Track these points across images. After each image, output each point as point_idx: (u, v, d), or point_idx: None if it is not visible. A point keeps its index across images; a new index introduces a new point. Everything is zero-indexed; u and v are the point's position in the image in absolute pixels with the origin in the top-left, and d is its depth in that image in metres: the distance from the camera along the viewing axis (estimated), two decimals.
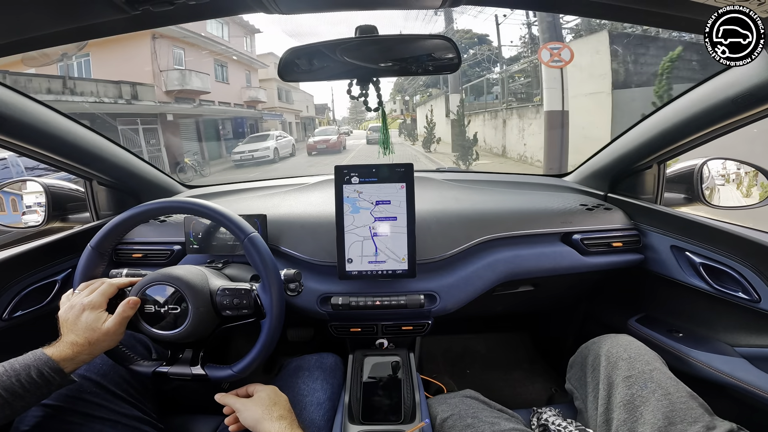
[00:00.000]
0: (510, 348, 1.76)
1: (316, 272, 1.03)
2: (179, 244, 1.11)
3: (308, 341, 1.53)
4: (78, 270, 0.78)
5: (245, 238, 0.76)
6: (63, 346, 0.68)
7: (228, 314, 0.76)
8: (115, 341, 0.72)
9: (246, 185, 1.50)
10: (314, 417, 0.84)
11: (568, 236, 1.12)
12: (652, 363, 0.79)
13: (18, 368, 0.63)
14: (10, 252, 0.97)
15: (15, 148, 0.93)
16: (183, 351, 0.79)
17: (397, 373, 0.98)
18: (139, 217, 0.80)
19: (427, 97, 31.50)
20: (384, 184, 0.98)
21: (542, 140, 7.73)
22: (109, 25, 0.68)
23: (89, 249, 0.78)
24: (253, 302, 0.76)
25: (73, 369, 0.68)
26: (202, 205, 0.78)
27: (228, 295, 0.76)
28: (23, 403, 0.63)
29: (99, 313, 0.71)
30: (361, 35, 0.77)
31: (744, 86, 0.78)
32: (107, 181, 1.22)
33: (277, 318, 0.75)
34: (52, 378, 0.64)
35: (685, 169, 1.18)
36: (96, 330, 0.69)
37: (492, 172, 1.58)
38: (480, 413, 0.83)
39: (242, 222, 0.78)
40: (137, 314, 0.74)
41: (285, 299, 0.77)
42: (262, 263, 0.75)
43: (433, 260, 1.02)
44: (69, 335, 0.69)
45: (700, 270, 0.97)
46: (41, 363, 0.64)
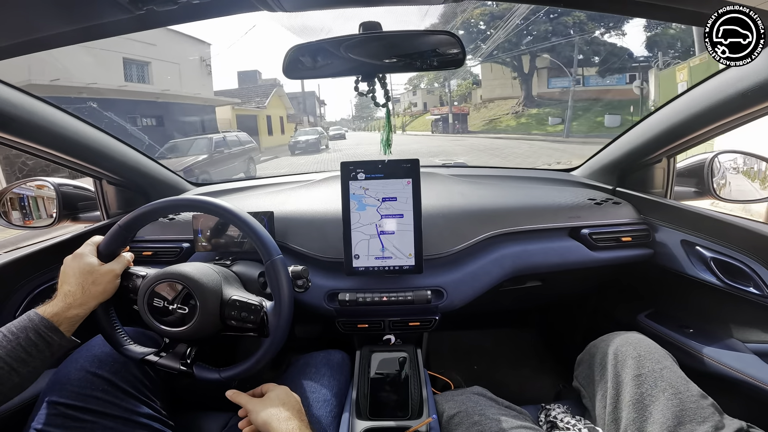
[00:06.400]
0: (517, 344, 1.76)
1: (323, 268, 1.04)
2: (188, 242, 1.12)
3: (316, 338, 1.54)
4: (102, 243, 0.80)
5: (269, 261, 0.77)
6: (55, 300, 0.70)
7: (232, 324, 0.77)
8: (106, 291, 0.76)
9: (253, 182, 1.50)
10: (321, 413, 0.85)
11: (577, 231, 1.11)
12: (662, 361, 0.78)
13: (16, 332, 0.64)
14: (22, 252, 0.99)
15: (24, 148, 0.95)
16: (177, 345, 0.79)
17: (404, 369, 0.98)
18: (172, 209, 0.84)
19: (470, 86, 26.78)
20: (390, 179, 0.98)
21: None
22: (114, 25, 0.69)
23: (117, 227, 0.80)
24: (260, 320, 0.76)
25: (69, 328, 0.70)
26: (237, 216, 0.78)
27: (237, 307, 0.76)
28: (28, 368, 0.64)
29: (89, 258, 0.75)
30: (365, 32, 0.77)
31: (754, 80, 0.77)
32: (117, 180, 1.23)
33: (279, 341, 0.76)
34: (50, 338, 0.66)
35: (695, 162, 1.17)
36: (86, 273, 0.73)
37: (498, 167, 1.57)
38: (487, 410, 0.83)
39: (271, 243, 0.78)
40: (144, 306, 0.75)
41: (290, 324, 0.78)
42: (278, 289, 0.76)
43: (440, 256, 1.02)
44: (63, 286, 0.72)
45: (711, 265, 0.96)
46: (35, 323, 0.66)
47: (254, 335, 0.77)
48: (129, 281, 0.80)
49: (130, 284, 0.80)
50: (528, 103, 22.85)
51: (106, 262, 0.78)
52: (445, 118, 25.29)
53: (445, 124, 25.17)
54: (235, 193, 1.41)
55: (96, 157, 1.12)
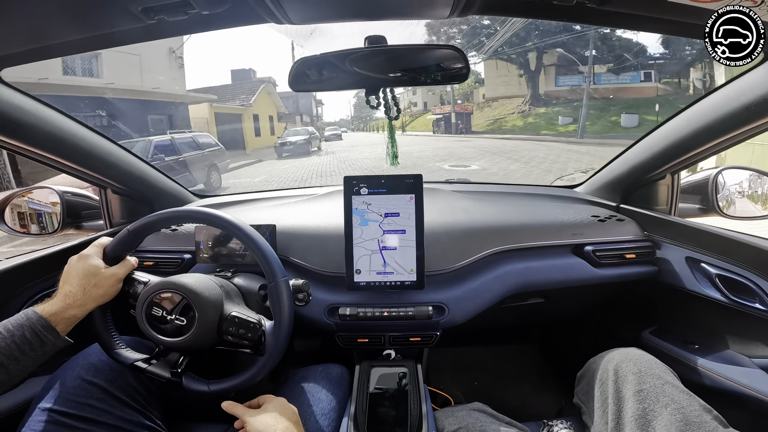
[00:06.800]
0: (519, 360, 1.73)
1: (324, 282, 1.03)
2: (189, 253, 1.12)
3: (315, 351, 1.52)
4: (109, 246, 0.80)
5: (273, 282, 0.77)
6: (55, 300, 0.70)
7: (229, 339, 0.77)
8: (107, 294, 0.75)
9: (256, 195, 1.51)
10: (319, 427, 0.84)
11: (580, 248, 1.10)
12: (664, 377, 0.77)
13: (11, 329, 0.64)
14: (23, 258, 0.99)
15: (30, 154, 0.95)
16: (169, 353, 0.79)
17: (404, 385, 0.97)
18: (182, 219, 0.88)
19: (471, 84, 25.08)
20: (393, 195, 0.98)
21: None
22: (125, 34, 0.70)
23: (126, 231, 0.80)
24: (257, 338, 0.76)
25: (65, 328, 0.69)
26: (245, 233, 0.79)
27: (236, 324, 0.76)
28: (19, 366, 0.63)
29: (94, 259, 0.75)
30: (370, 45, 0.78)
31: (757, 93, 0.77)
32: (121, 189, 1.24)
33: (273, 361, 0.76)
34: (45, 337, 0.65)
35: (700, 179, 1.16)
36: (89, 275, 0.73)
37: (502, 183, 1.57)
38: (488, 427, 0.82)
39: (276, 263, 0.79)
40: (141, 314, 0.75)
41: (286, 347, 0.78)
42: (280, 312, 0.76)
43: (442, 272, 1.02)
44: (64, 286, 0.72)
45: (716, 281, 0.95)
46: (33, 322, 0.65)
47: (249, 352, 0.77)
48: (130, 286, 0.81)
49: (131, 290, 0.80)
50: (535, 102, 21.91)
51: (111, 266, 0.78)
52: (448, 117, 24.42)
53: (447, 124, 24.32)
54: (238, 206, 1.41)
55: (101, 165, 1.13)
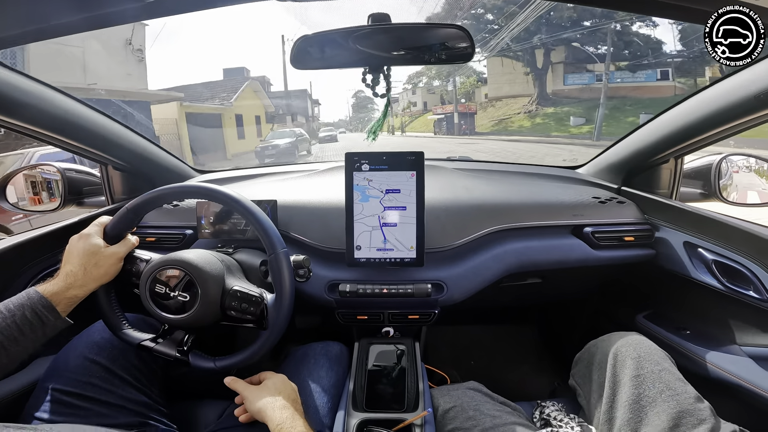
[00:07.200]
0: (516, 340, 1.76)
1: (324, 258, 1.04)
2: (191, 229, 1.12)
3: (315, 329, 1.55)
4: (109, 224, 0.80)
5: (273, 254, 0.77)
6: (56, 279, 0.70)
7: (232, 314, 0.77)
8: (108, 273, 0.76)
9: (257, 171, 1.51)
10: (318, 404, 0.86)
11: (579, 229, 1.11)
12: (661, 363, 0.78)
13: (13, 309, 0.64)
14: (25, 236, 0.99)
15: (33, 134, 0.95)
16: (174, 331, 0.80)
17: (402, 362, 0.99)
18: (181, 195, 0.87)
19: (473, 83, 23.66)
20: (394, 171, 0.98)
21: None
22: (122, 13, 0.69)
23: (125, 209, 0.80)
24: (259, 312, 0.77)
25: (66, 309, 0.70)
26: (244, 206, 0.79)
27: (238, 298, 0.77)
28: (19, 348, 0.64)
29: (94, 239, 0.75)
30: (373, 23, 0.76)
31: (766, 82, 0.76)
32: (122, 166, 1.24)
33: (276, 334, 0.76)
34: (45, 318, 0.66)
35: (703, 164, 1.16)
36: (90, 254, 0.73)
37: (504, 162, 1.56)
38: (482, 406, 0.84)
39: (276, 235, 0.78)
40: (146, 292, 0.76)
41: (289, 319, 0.78)
42: (280, 283, 0.76)
43: (441, 249, 1.02)
44: (66, 266, 0.72)
45: (712, 267, 0.96)
46: (34, 301, 0.66)
47: (253, 327, 0.78)
48: (132, 265, 0.81)
49: (133, 268, 0.81)
50: (542, 102, 21.26)
51: (112, 244, 0.78)
52: (450, 117, 23.68)
53: (449, 125, 23.55)
54: (240, 181, 1.41)
55: (103, 143, 1.12)
